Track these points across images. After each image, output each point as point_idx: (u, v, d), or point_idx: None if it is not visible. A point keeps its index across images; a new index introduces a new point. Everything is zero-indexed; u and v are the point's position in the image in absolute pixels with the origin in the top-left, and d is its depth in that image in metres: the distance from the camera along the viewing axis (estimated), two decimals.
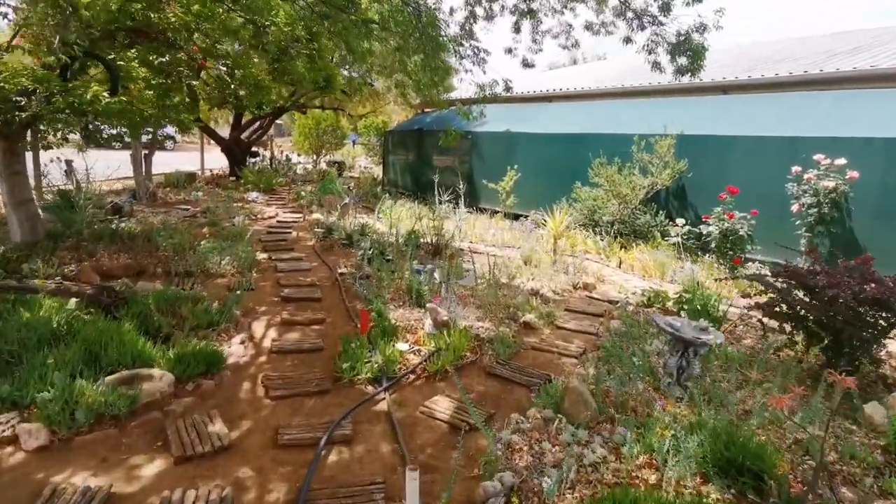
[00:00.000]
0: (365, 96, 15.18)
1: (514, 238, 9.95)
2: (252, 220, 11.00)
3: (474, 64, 6.86)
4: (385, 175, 16.80)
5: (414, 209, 12.20)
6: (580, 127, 10.82)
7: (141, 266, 6.85)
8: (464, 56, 6.82)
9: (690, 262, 7.97)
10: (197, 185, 14.53)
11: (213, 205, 11.71)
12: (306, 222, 10.97)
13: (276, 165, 18.14)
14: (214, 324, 4.91)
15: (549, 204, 10.81)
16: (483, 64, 6.86)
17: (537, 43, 6.62)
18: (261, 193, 14.16)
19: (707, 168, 8.70)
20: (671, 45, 5.74)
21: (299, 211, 12.18)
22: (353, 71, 14.24)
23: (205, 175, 16.85)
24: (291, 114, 23.97)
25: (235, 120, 16.07)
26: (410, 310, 5.84)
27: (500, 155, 12.33)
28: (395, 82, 8.90)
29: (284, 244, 8.92)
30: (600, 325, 5.92)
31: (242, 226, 9.73)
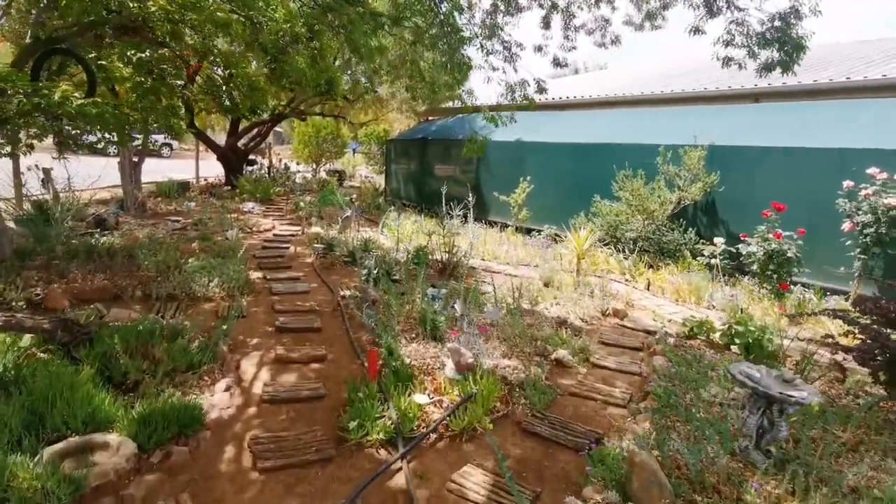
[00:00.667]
0: (367, 103, 14.42)
1: (530, 255, 9.15)
2: (247, 233, 10.18)
3: (506, 60, 6.00)
4: (387, 185, 16.02)
5: (420, 222, 11.40)
6: (598, 136, 10.06)
7: (118, 288, 6.01)
8: (491, 51, 6.02)
9: (728, 285, 7.19)
10: (190, 195, 13.71)
11: (205, 216, 10.89)
12: (305, 236, 10.16)
13: (274, 174, 17.34)
14: (195, 365, 4.08)
15: (564, 218, 10.04)
16: (515, 60, 6.04)
17: (570, 39, 5.87)
18: (257, 204, 13.35)
19: (741, 182, 7.94)
20: (758, 35, 4.76)
21: (298, 223, 11.36)
22: (356, 75, 13.51)
23: (199, 184, 16.03)
24: (291, 121, 23.24)
25: (232, 126, 15.29)
26: (425, 344, 5.02)
27: (510, 166, 11.57)
28: (405, 85, 8.10)
29: (281, 261, 8.10)
30: (642, 362, 5.12)
31: (236, 240, 8.91)
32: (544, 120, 12.04)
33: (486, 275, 8.02)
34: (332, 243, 8.54)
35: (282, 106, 15.34)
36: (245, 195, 13.97)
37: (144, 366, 3.83)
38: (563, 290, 7.29)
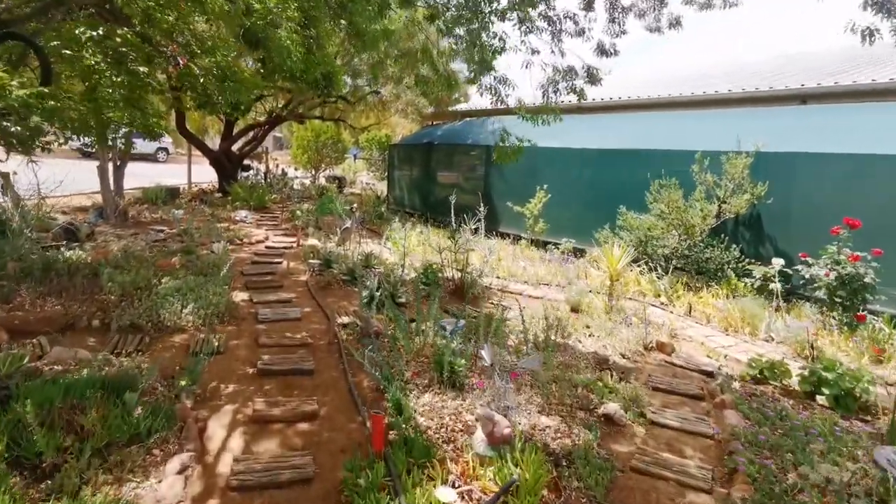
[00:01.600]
0: (370, 106, 13.45)
1: (550, 273, 8.13)
2: (237, 245, 9.16)
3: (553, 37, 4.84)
4: (389, 193, 15.02)
5: (426, 234, 10.39)
6: (624, 142, 9.07)
7: (71, 316, 4.99)
8: (532, 27, 4.95)
9: (785, 312, 6.17)
10: (179, 202, 12.69)
11: (192, 226, 9.87)
12: (300, 249, 9.14)
13: (270, 180, 16.34)
14: (142, 435, 3.04)
15: (585, 231, 9.04)
16: (560, 39, 4.94)
17: (617, 23, 4.86)
18: (251, 212, 12.33)
19: (793, 193, 6.94)
20: None
21: (293, 234, 10.34)
22: (358, 73, 12.52)
23: (191, 190, 15.02)
24: (290, 125, 22.29)
25: (226, 129, 14.30)
26: (442, 394, 3.99)
27: (523, 173, 10.56)
28: (415, 78, 7.07)
29: (271, 280, 7.07)
30: (709, 417, 4.10)
31: (223, 254, 7.89)
32: (563, 123, 11.03)
33: (504, 296, 7.00)
34: (329, 258, 7.52)
35: (279, 108, 14.37)
36: (238, 203, 12.96)
37: (68, 441, 2.80)
38: (593, 315, 6.27)
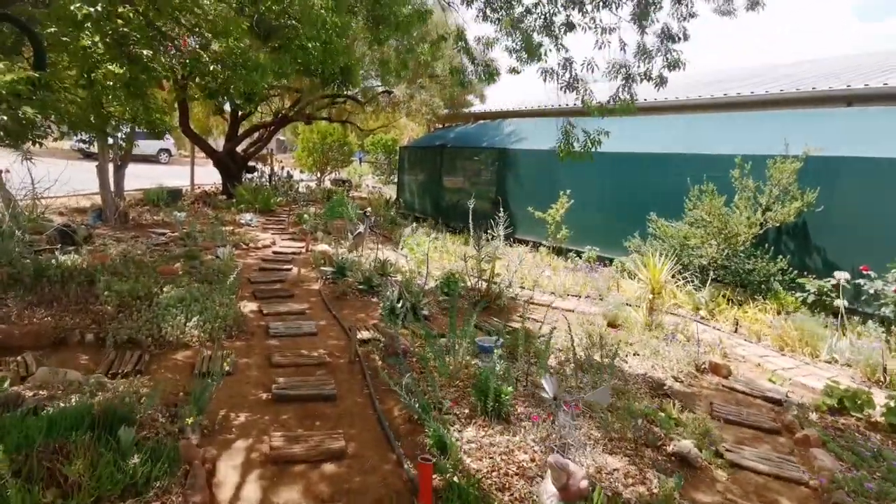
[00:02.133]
0: (380, 106, 12.93)
1: (578, 283, 7.58)
2: (242, 250, 8.62)
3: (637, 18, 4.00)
4: (399, 197, 14.49)
5: (441, 240, 9.86)
6: (656, 145, 8.55)
7: (63, 329, 4.44)
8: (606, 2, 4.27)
9: (847, 330, 5.63)
10: (181, 204, 12.15)
11: (195, 229, 9.33)
12: (309, 254, 8.60)
13: (275, 182, 15.81)
14: (139, 485, 2.49)
15: (611, 239, 8.52)
16: (644, 18, 4.19)
17: (685, 4, 4.26)
18: (256, 215, 11.79)
19: (845, 200, 6.42)
20: None
21: (301, 239, 9.80)
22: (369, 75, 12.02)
23: (194, 192, 14.48)
24: (294, 127, 21.82)
25: (231, 129, 13.78)
26: (487, 427, 3.44)
27: (543, 177, 10.05)
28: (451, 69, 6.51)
29: (281, 289, 6.52)
30: (792, 456, 3.55)
31: (228, 259, 7.35)
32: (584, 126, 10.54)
33: (531, 308, 6.45)
34: (342, 265, 6.97)
35: (286, 108, 13.87)
36: (243, 205, 12.42)
37: (48, 497, 2.24)
38: (632, 331, 5.73)
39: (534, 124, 11.53)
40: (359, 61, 6.60)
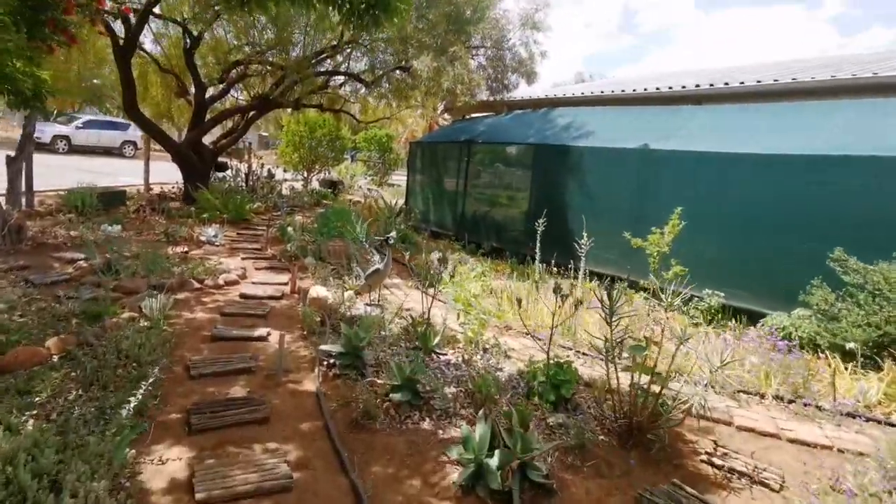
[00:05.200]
0: (394, 86, 9.76)
1: (740, 365, 4.56)
2: (194, 291, 5.44)
3: None
4: (409, 204, 11.33)
5: (476, 265, 6.78)
6: (822, 144, 5.56)
7: None
8: None
9: None
10: (122, 211, 8.83)
11: (125, 253, 6.13)
12: (296, 299, 5.47)
13: (253, 183, 12.54)
14: None
15: (753, 283, 5.59)
16: None
17: None
18: (225, 228, 8.57)
19: None
20: None
21: (284, 269, 6.64)
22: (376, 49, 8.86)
23: (145, 193, 11.12)
24: (277, 120, 18.48)
25: (196, 114, 10.46)
26: None
27: (624, 187, 7.05)
28: None
29: (245, 398, 3.36)
30: None
31: (158, 320, 4.20)
32: (667, 118, 7.55)
33: (711, 432, 3.42)
34: (354, 341, 3.83)
35: (269, 89, 10.62)
36: (208, 214, 9.16)
37: None
38: None
39: (597, 115, 8.52)
40: None
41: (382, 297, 5.75)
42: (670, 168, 6.61)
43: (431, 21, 8.27)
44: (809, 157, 5.41)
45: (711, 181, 6.19)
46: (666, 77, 10.98)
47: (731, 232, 5.97)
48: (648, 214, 6.62)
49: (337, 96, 12.92)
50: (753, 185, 5.81)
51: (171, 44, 11.09)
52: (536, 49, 8.46)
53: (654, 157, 6.78)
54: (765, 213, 5.68)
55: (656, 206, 6.57)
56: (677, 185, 6.52)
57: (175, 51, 10.79)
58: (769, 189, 5.67)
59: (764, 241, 5.65)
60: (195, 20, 9.16)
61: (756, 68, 9.50)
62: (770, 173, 5.68)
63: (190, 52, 9.66)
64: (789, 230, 5.45)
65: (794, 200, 5.48)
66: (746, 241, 5.81)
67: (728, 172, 6.04)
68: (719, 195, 6.09)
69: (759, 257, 5.66)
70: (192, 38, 9.60)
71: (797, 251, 5.32)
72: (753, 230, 5.76)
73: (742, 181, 5.89)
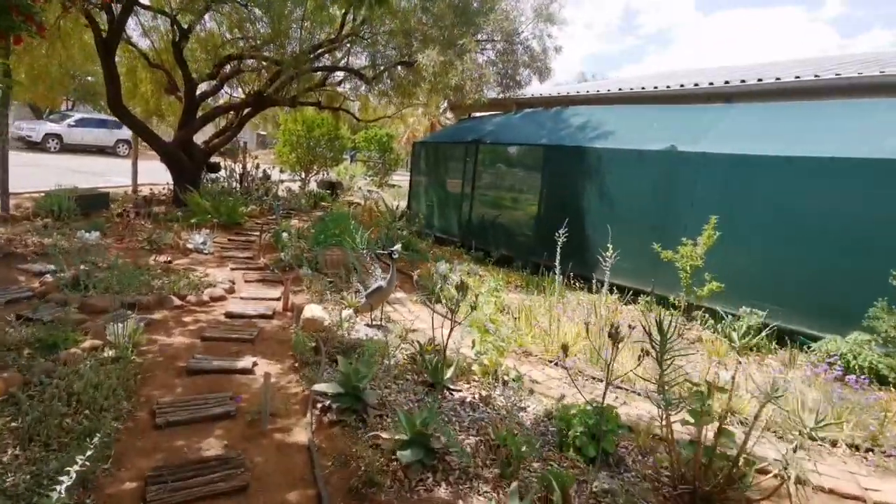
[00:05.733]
0: (396, 83, 9.12)
1: (823, 409, 3.95)
2: (174, 308, 4.82)
3: None
4: (412, 208, 10.70)
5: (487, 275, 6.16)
6: (887, 145, 4.94)
7: None
8: None
9: None
10: (104, 216, 8.19)
11: (100, 263, 5.51)
12: (289, 319, 4.85)
13: (248, 185, 11.91)
14: None
15: (808, 303, 4.98)
16: None
17: None
18: (214, 233, 7.95)
19: None
20: None
21: (278, 281, 6.02)
22: None
23: (130, 196, 10.48)
24: (275, 118, 17.85)
25: (186, 111, 9.82)
26: None
27: (648, 192, 6.45)
28: None
29: (220, 457, 2.74)
30: None
31: (124, 349, 3.58)
32: (696, 117, 6.94)
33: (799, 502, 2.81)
34: (354, 380, 3.20)
35: (263, 84, 9.99)
36: (198, 218, 8.53)
37: None
38: None
39: (616, 114, 7.91)
40: None
41: (385, 315, 5.15)
42: (700, 172, 6.00)
43: (436, 14, 7.65)
44: (878, 163, 4.78)
45: (749, 187, 5.58)
46: (684, 75, 10.36)
47: (773, 243, 5.37)
48: (674, 222, 6.03)
49: (336, 94, 12.30)
50: (802, 193, 5.19)
51: (160, 37, 10.46)
52: (550, 43, 7.87)
53: (683, 159, 6.17)
54: (816, 223, 5.07)
55: (683, 214, 5.98)
56: (708, 191, 5.91)
57: (165, 45, 10.17)
58: (822, 197, 5.06)
59: (814, 254, 5.04)
60: (185, 11, 8.54)
61: (788, 65, 8.88)
62: (825, 180, 5.06)
63: (179, 46, 9.02)
64: (846, 244, 4.84)
65: (853, 210, 4.86)
66: (792, 253, 5.20)
67: (770, 177, 5.43)
68: (759, 202, 5.49)
69: (806, 272, 5.05)
70: (181, 31, 8.97)
71: (855, 267, 4.72)
72: (801, 242, 5.15)
73: (788, 188, 5.28)
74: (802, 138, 5.57)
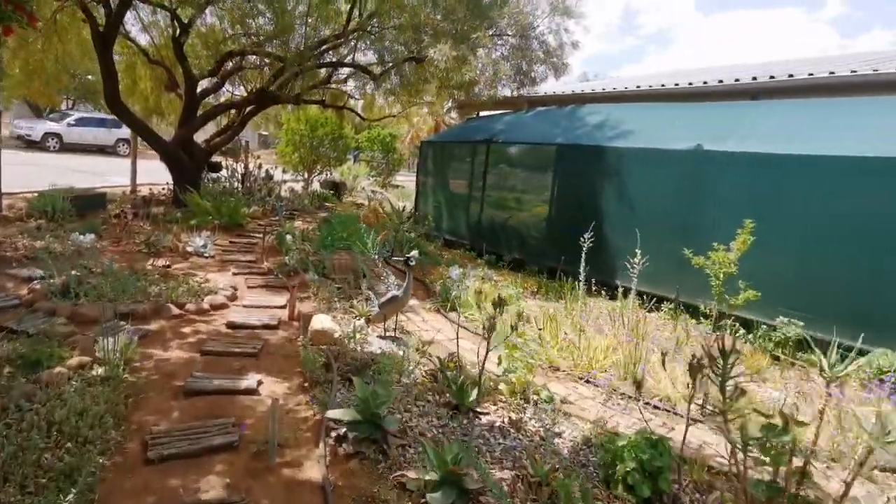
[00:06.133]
0: (405, 79, 8.74)
1: None
2: (171, 318, 4.45)
3: None
4: (419, 210, 10.33)
5: (504, 281, 5.77)
6: None
7: None
8: None
9: None
10: (101, 217, 7.82)
11: (93, 268, 5.16)
12: (295, 328, 4.49)
13: (250, 185, 11.54)
14: None
15: (854, 313, 4.62)
16: None
17: None
18: (216, 235, 7.59)
19: None
20: None
21: (282, 286, 5.66)
22: None
23: (131, 196, 10.11)
24: (276, 118, 17.48)
25: (186, 109, 9.45)
26: None
27: (674, 193, 6.08)
28: None
29: (220, 488, 2.37)
30: None
31: (114, 367, 3.22)
32: (722, 114, 6.56)
33: None
34: (373, 406, 2.83)
35: (266, 81, 9.62)
36: (198, 220, 8.16)
37: None
38: None
39: (635, 112, 7.54)
40: None
41: (399, 325, 4.78)
42: (729, 172, 5.63)
43: (447, 7, 7.29)
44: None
45: (782, 187, 5.22)
46: (701, 72, 9.97)
47: (809, 247, 5.00)
48: (699, 225, 5.69)
49: (340, 92, 11.93)
50: (842, 193, 4.83)
51: (160, 33, 10.10)
52: (567, 38, 7.49)
53: (710, 159, 5.80)
54: (857, 225, 4.71)
55: (710, 216, 5.63)
56: (737, 192, 5.55)
57: (165, 40, 9.81)
58: (864, 198, 4.69)
59: (857, 259, 4.67)
60: (185, 4, 8.17)
61: (816, 61, 8.51)
62: (866, 179, 4.69)
63: (179, 41, 8.65)
64: (894, 246, 4.48)
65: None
66: (830, 258, 4.84)
67: (805, 178, 5.06)
68: (793, 204, 5.12)
69: (853, 280, 4.69)
70: (181, 25, 8.61)
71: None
72: (840, 246, 4.79)
73: (825, 188, 4.91)
74: (839, 136, 5.21)
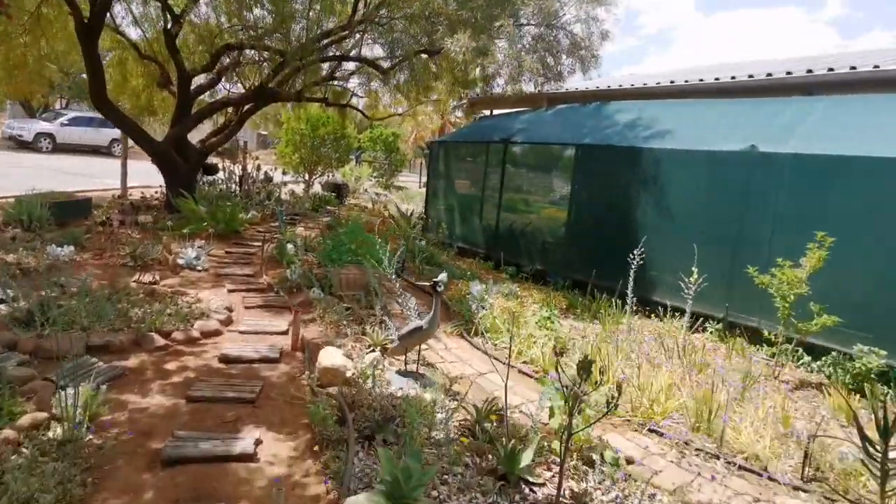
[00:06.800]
0: (415, 75, 8.05)
1: None
2: (154, 351, 3.76)
3: None
4: (430, 216, 9.63)
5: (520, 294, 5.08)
6: None
7: None
8: None
9: None
10: (79, 228, 7.11)
11: (69, 288, 4.48)
12: (300, 362, 3.81)
13: (248, 188, 10.85)
14: None
15: None
16: None
17: None
18: (210, 244, 6.89)
19: None
20: None
21: (283, 306, 4.97)
22: None
23: (119, 200, 9.40)
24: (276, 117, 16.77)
25: (180, 107, 8.75)
26: None
27: (721, 202, 5.40)
28: None
29: None
30: None
31: (76, 422, 2.51)
32: (782, 112, 5.86)
33: None
34: (406, 489, 2.15)
35: (265, 77, 8.92)
36: (191, 227, 7.46)
37: None
38: None
39: (671, 110, 6.87)
40: None
41: (420, 356, 4.08)
42: (789, 176, 4.96)
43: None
44: None
45: (853, 195, 4.55)
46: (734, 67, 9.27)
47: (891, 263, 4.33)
48: (753, 236, 5.04)
49: (344, 90, 11.23)
50: None
51: (152, 26, 9.39)
52: (596, 28, 6.80)
53: (766, 161, 5.12)
54: None
55: (765, 226, 4.97)
56: (798, 199, 4.88)
57: (157, 35, 9.11)
58: None
59: None
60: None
61: (865, 54, 7.84)
62: None
63: (171, 33, 7.95)
64: None
65: None
66: None
67: (883, 183, 4.39)
68: (870, 214, 4.45)
69: None
70: (173, 16, 7.92)
71: None
72: None
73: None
74: None
